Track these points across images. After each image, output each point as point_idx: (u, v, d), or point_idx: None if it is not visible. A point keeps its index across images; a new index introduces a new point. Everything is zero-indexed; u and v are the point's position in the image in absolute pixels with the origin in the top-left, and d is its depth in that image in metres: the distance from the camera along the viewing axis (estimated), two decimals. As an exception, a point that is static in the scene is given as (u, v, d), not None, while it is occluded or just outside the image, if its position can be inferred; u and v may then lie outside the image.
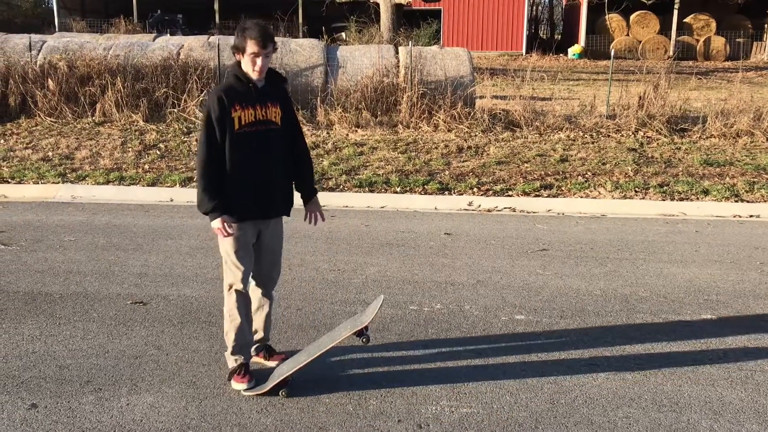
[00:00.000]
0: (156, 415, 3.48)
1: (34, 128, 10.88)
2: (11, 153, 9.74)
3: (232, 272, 3.71)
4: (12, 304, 4.82)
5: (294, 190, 3.90)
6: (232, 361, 3.79)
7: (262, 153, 3.64)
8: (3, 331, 4.39)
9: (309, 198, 3.93)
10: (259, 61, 3.54)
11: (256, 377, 3.75)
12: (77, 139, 10.35)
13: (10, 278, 5.31)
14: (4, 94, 11.44)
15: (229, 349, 3.79)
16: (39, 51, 12.10)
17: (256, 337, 3.97)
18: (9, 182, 8.62)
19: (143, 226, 6.84)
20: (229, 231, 3.60)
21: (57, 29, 24.52)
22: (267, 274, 3.88)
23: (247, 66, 3.57)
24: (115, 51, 12.10)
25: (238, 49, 3.58)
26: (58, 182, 8.58)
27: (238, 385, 3.71)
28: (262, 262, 3.83)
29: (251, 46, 3.51)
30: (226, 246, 3.68)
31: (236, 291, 3.72)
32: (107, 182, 8.60)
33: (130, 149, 9.94)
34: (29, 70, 11.61)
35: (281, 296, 4.99)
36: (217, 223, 3.58)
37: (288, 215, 3.85)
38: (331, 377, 3.88)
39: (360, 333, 3.59)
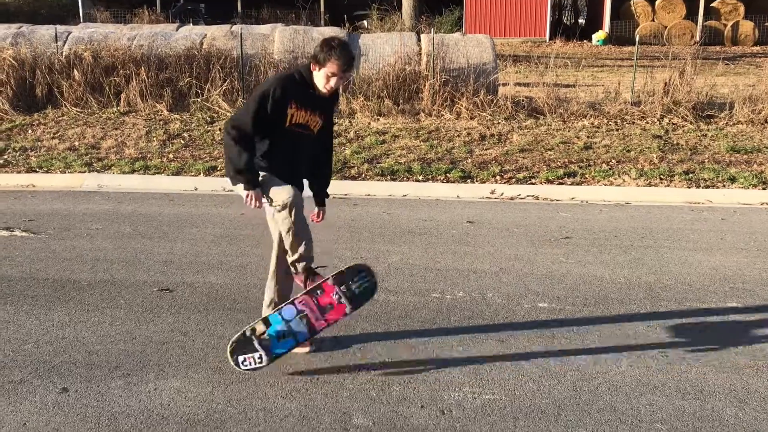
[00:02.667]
0: (183, 399, 3.54)
1: (60, 118, 11.03)
2: (39, 143, 9.90)
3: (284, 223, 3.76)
4: (42, 291, 4.92)
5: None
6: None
7: (295, 151, 3.79)
8: (34, 317, 4.49)
9: (319, 203, 4.13)
10: (333, 81, 3.65)
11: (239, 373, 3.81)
12: (102, 128, 10.48)
13: (40, 266, 5.42)
14: (32, 85, 11.60)
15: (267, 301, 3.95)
16: (65, 42, 12.24)
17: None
18: (37, 171, 8.77)
19: (168, 214, 6.93)
20: (258, 204, 3.69)
21: (81, 20, 24.74)
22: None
23: (319, 79, 3.67)
24: (139, 41, 12.21)
25: (318, 62, 3.65)
26: (85, 171, 8.71)
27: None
28: None
29: (332, 67, 3.60)
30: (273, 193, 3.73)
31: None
32: (132, 171, 8.71)
33: (154, 139, 10.04)
34: (55, 60, 11.76)
35: (305, 284, 5.03)
36: (247, 192, 3.66)
37: None
38: (355, 363, 3.91)
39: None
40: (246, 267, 5.42)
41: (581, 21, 35.67)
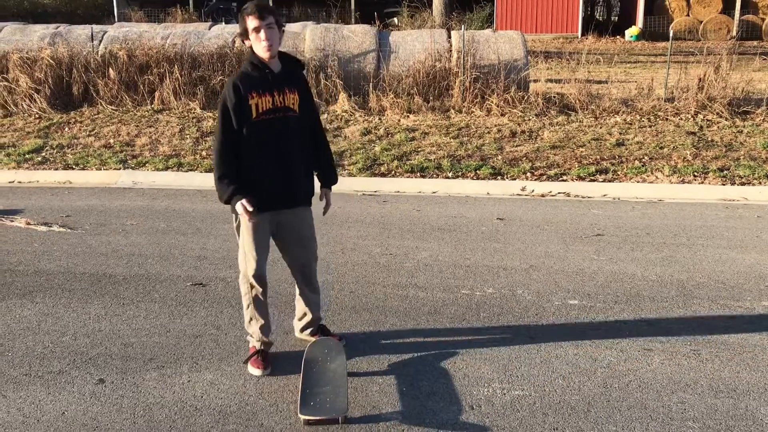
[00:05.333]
0: (216, 391, 3.61)
1: (96, 116, 11.23)
2: (75, 140, 10.09)
3: (245, 261, 3.74)
4: (79, 285, 5.04)
5: (314, 178, 3.84)
6: (255, 343, 3.90)
7: (280, 141, 3.58)
8: (71, 310, 4.60)
9: (325, 186, 3.90)
10: (262, 34, 3.44)
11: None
12: (137, 126, 10.65)
13: (77, 260, 5.54)
14: (68, 84, 11.83)
15: (250, 335, 3.92)
16: (100, 41, 12.46)
17: (305, 319, 4.07)
18: (73, 168, 8.95)
19: (201, 210, 7.03)
20: (251, 209, 3.50)
21: (116, 19, 25.13)
22: (299, 262, 3.92)
23: (256, 47, 3.50)
24: (173, 40, 12.37)
25: (243, 34, 3.53)
26: (120, 168, 8.86)
27: (255, 371, 3.76)
28: (293, 251, 3.88)
29: (250, 22, 3.45)
30: (242, 234, 3.68)
31: (249, 281, 3.76)
32: (166, 168, 8.84)
33: (187, 136, 10.18)
34: (91, 59, 11.97)
35: (335, 279, 5.09)
36: (239, 207, 3.51)
37: (308, 204, 3.83)
38: (385, 358, 3.94)
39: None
40: (276, 262, 5.45)
41: (614, 17, 35.20)
